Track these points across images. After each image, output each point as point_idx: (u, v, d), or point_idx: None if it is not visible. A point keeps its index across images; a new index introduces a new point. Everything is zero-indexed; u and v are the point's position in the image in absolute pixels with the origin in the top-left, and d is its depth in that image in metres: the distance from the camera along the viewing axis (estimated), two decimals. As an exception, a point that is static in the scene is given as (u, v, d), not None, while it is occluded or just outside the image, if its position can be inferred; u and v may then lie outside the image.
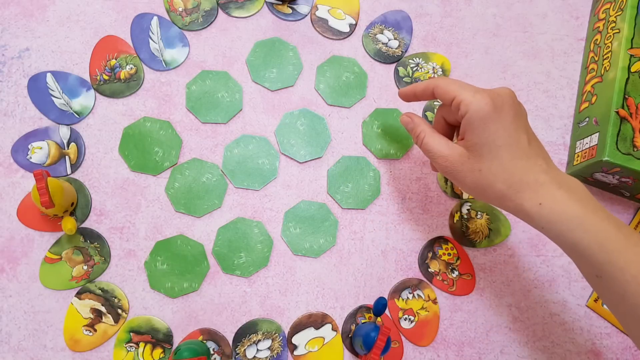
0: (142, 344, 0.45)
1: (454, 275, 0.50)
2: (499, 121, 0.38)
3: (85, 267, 0.46)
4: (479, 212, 0.51)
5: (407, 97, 0.46)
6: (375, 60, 0.55)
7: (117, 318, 0.46)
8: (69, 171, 0.49)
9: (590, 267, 0.36)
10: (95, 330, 0.45)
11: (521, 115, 0.40)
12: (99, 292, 0.46)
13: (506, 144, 0.38)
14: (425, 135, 0.42)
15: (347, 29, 0.56)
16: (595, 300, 0.50)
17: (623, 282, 0.34)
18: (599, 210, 0.36)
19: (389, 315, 0.48)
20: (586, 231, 0.35)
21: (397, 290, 0.49)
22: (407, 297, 0.49)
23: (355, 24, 0.56)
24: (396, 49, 0.55)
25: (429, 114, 0.54)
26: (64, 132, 0.49)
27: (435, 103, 0.54)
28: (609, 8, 0.54)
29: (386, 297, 0.49)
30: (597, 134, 0.48)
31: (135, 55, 0.52)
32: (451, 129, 0.45)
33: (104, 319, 0.45)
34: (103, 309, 0.46)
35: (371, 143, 0.52)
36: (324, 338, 0.47)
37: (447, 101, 0.40)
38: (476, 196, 0.41)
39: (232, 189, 0.50)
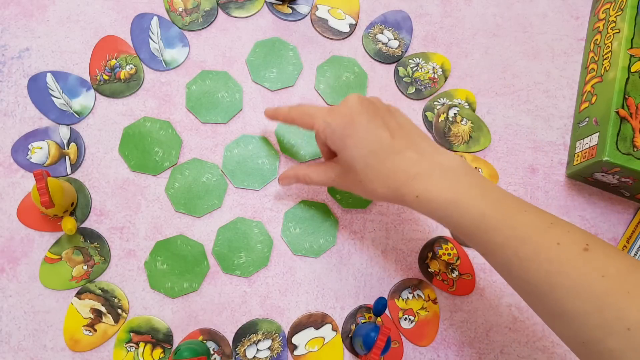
0: (142, 344, 0.45)
1: (454, 275, 0.50)
2: (354, 133, 0.39)
3: (85, 267, 0.46)
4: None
5: (271, 119, 0.48)
6: (375, 60, 0.55)
7: (117, 318, 0.46)
8: (69, 171, 0.49)
9: (475, 245, 0.37)
10: (95, 330, 0.45)
11: (375, 113, 0.40)
12: (99, 292, 0.46)
13: (370, 151, 0.39)
14: (309, 175, 0.45)
15: (347, 29, 0.56)
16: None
17: (504, 258, 0.35)
18: (474, 188, 0.37)
19: (389, 315, 0.48)
20: (462, 215, 0.36)
21: (397, 290, 0.49)
22: (407, 297, 0.49)
23: (355, 24, 0.56)
24: (396, 49, 0.55)
25: (428, 114, 0.54)
26: (64, 132, 0.49)
27: (435, 103, 0.54)
28: (609, 8, 0.54)
29: (386, 297, 0.49)
30: (597, 134, 0.48)
31: (135, 55, 0.52)
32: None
33: (104, 319, 0.45)
34: (103, 309, 0.46)
35: (371, 143, 0.52)
36: (324, 338, 0.47)
37: (308, 128, 0.43)
38: (370, 199, 0.45)
39: (232, 189, 0.50)
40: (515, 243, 0.35)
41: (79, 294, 0.46)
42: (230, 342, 0.46)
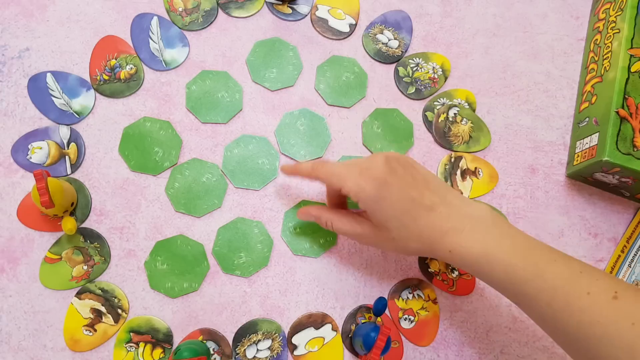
0: (142, 344, 0.45)
1: (454, 275, 0.50)
2: (389, 195, 0.39)
3: (85, 267, 0.46)
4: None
5: (289, 174, 0.48)
6: (375, 60, 0.55)
7: (117, 318, 0.46)
8: (69, 171, 0.49)
9: (509, 297, 0.39)
10: (95, 330, 0.45)
11: (403, 173, 0.40)
12: (99, 292, 0.46)
13: (404, 211, 0.39)
14: (332, 222, 0.44)
15: (347, 29, 0.56)
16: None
17: (537, 309, 0.36)
18: (503, 239, 0.38)
19: (389, 315, 0.48)
20: (493, 268, 0.37)
21: (397, 290, 0.49)
22: (407, 297, 0.49)
23: (355, 24, 0.56)
24: (396, 49, 0.56)
25: (428, 114, 0.54)
26: (64, 132, 0.49)
27: (435, 103, 0.54)
28: (609, 8, 0.54)
29: (386, 297, 0.49)
30: (597, 134, 0.48)
31: (135, 55, 0.52)
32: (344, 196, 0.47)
33: (104, 319, 0.45)
34: (103, 309, 0.46)
35: (371, 143, 0.52)
36: (324, 338, 0.47)
37: (336, 190, 0.42)
38: (402, 255, 0.48)
39: (232, 189, 0.50)
40: (547, 294, 0.36)
41: (79, 294, 0.46)
42: (230, 342, 0.46)
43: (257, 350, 0.46)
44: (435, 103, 0.54)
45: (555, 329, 0.36)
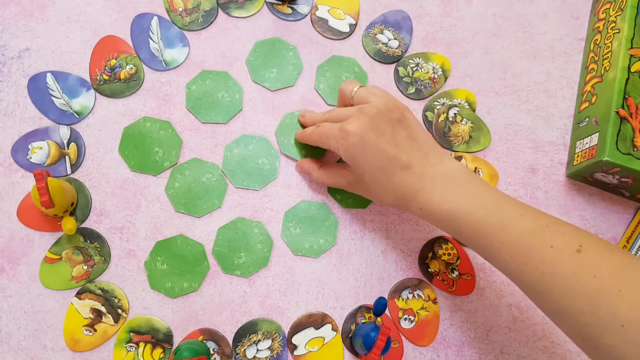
0: (142, 344, 0.45)
1: (454, 275, 0.50)
2: (364, 152, 0.42)
3: (85, 267, 0.46)
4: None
5: (301, 141, 0.51)
6: (375, 60, 0.55)
7: (117, 318, 0.46)
8: (69, 171, 0.49)
9: (476, 250, 0.40)
10: (95, 330, 0.45)
11: (386, 130, 0.42)
12: (99, 292, 0.46)
13: (378, 167, 0.42)
14: (319, 176, 0.49)
15: (347, 29, 0.56)
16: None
17: (502, 262, 0.38)
18: (473, 197, 0.40)
19: (389, 315, 0.48)
20: (460, 225, 0.39)
21: (397, 290, 0.49)
22: (407, 297, 0.49)
23: (355, 24, 0.56)
24: (396, 49, 0.56)
25: (428, 113, 0.54)
26: (64, 132, 0.49)
27: (435, 103, 0.54)
28: (609, 8, 0.54)
29: (386, 297, 0.49)
30: (597, 134, 0.48)
31: (135, 55, 0.52)
32: None
33: (104, 319, 0.45)
34: (103, 309, 0.46)
35: (371, 143, 0.52)
36: (324, 338, 0.47)
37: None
38: (381, 205, 0.50)
39: (232, 189, 0.50)
40: (511, 248, 0.37)
41: (79, 294, 0.46)
42: (230, 342, 0.46)
43: (257, 350, 0.46)
44: (435, 103, 0.54)
45: (521, 282, 0.37)
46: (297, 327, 0.47)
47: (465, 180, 0.41)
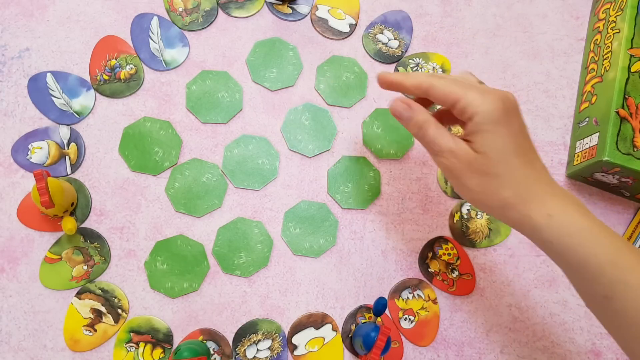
0: (142, 344, 0.45)
1: (454, 275, 0.50)
2: (509, 126, 0.35)
3: (85, 267, 0.46)
4: (479, 212, 0.51)
5: (390, 86, 0.40)
6: (375, 60, 0.55)
7: (117, 318, 0.46)
8: (69, 171, 0.49)
9: (598, 286, 0.33)
10: (95, 330, 0.45)
11: (524, 123, 0.37)
12: (99, 292, 0.46)
13: (517, 151, 0.35)
14: (429, 126, 0.37)
15: (347, 29, 0.56)
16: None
17: (638, 302, 0.31)
18: (604, 225, 0.34)
19: (389, 315, 0.48)
20: (599, 245, 0.33)
21: (397, 290, 0.49)
22: (407, 297, 0.49)
23: (355, 24, 0.56)
24: (396, 49, 0.56)
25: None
26: (64, 132, 0.49)
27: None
28: (609, 8, 0.54)
29: (386, 297, 0.49)
30: (597, 134, 0.48)
31: (135, 55, 0.52)
32: None
33: (104, 319, 0.45)
34: (103, 309, 0.46)
35: (371, 143, 0.52)
36: (324, 338, 0.47)
37: (447, 104, 0.36)
38: (475, 202, 0.37)
39: (232, 189, 0.50)
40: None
41: (79, 294, 0.46)
42: (230, 342, 0.46)
43: (257, 350, 0.46)
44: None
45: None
46: (297, 327, 0.47)
47: (587, 209, 0.36)
